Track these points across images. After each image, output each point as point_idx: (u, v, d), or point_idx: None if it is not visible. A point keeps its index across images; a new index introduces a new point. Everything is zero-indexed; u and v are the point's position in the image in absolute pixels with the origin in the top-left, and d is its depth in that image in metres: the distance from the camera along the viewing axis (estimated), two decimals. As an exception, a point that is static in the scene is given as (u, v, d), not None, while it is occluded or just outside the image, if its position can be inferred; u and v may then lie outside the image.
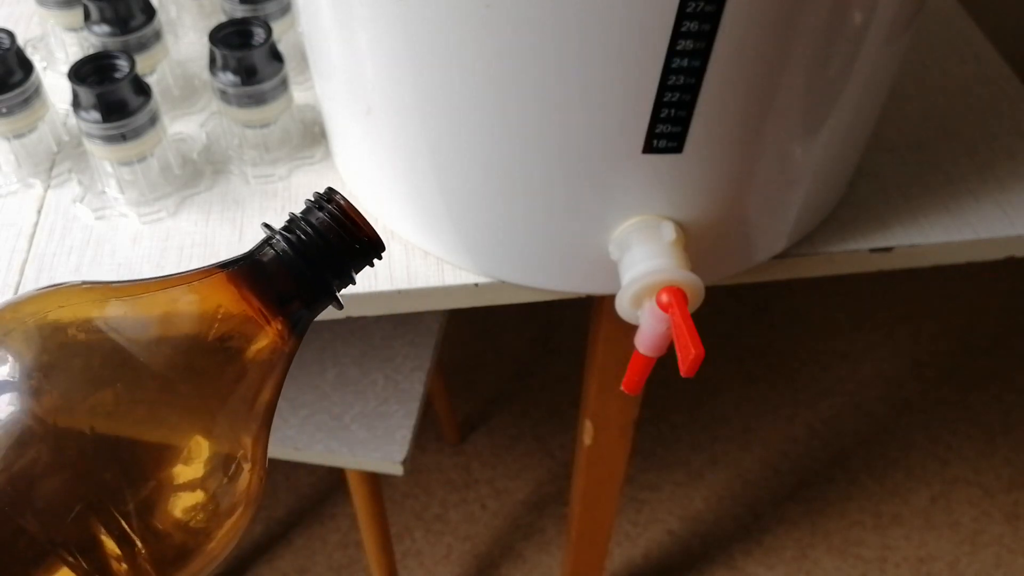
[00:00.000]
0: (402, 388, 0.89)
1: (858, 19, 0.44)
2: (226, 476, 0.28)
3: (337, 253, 0.29)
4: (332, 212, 0.29)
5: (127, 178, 0.59)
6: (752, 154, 0.48)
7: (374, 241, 0.30)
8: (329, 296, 0.29)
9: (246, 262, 0.29)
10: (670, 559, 1.26)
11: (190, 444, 0.27)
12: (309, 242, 0.29)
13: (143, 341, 0.27)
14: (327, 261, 0.29)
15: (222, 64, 0.58)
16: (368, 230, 0.30)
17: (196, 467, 0.27)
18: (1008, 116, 0.68)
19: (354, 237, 0.29)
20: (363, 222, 0.29)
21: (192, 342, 0.28)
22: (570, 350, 1.46)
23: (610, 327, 0.69)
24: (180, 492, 0.26)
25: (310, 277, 0.29)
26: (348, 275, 0.30)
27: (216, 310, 0.28)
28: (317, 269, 0.29)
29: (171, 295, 0.28)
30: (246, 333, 0.28)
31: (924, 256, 0.60)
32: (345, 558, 1.24)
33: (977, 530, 1.28)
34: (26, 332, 0.26)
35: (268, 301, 0.29)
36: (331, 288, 0.29)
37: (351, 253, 0.29)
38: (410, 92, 0.47)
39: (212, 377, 0.28)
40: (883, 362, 1.46)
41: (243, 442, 0.28)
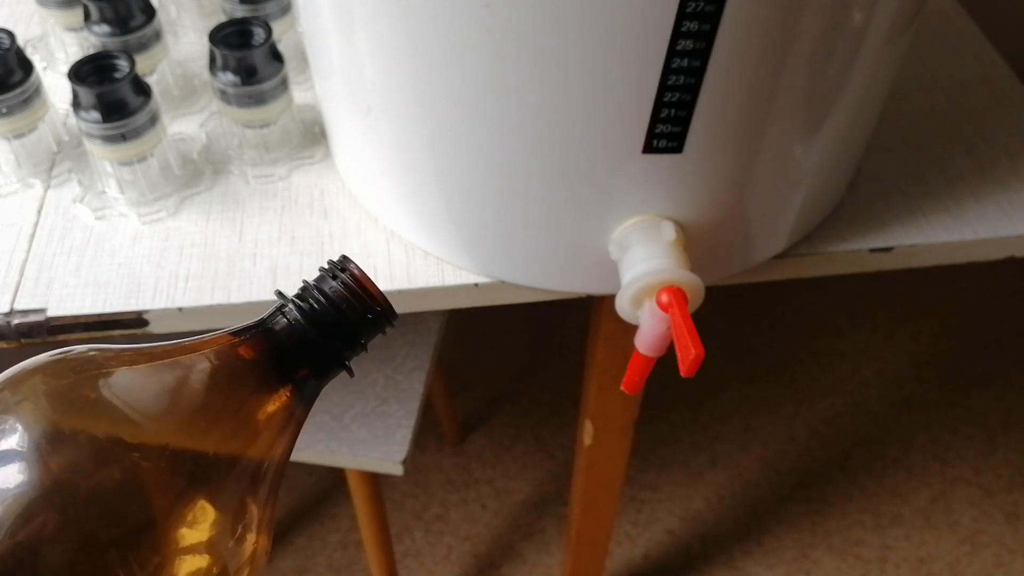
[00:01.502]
0: (402, 388, 0.89)
1: (858, 19, 0.44)
2: (232, 542, 0.27)
3: (349, 323, 0.29)
4: (346, 282, 0.29)
5: (127, 178, 0.59)
6: (752, 154, 0.48)
7: (387, 311, 0.29)
8: (339, 365, 0.29)
9: (258, 330, 0.29)
10: (670, 559, 1.26)
11: (196, 510, 0.27)
12: (322, 311, 0.28)
13: (151, 409, 0.27)
14: (339, 331, 0.29)
15: (222, 64, 0.58)
16: (381, 300, 0.29)
17: (202, 533, 0.27)
18: (1008, 116, 0.68)
19: (367, 307, 0.29)
20: (376, 292, 0.29)
21: (200, 410, 0.28)
22: (570, 350, 1.46)
23: (610, 327, 0.69)
24: (186, 558, 0.26)
25: (322, 346, 0.29)
26: (359, 344, 0.29)
27: (226, 378, 0.28)
28: (329, 338, 0.29)
29: (181, 362, 0.28)
30: (255, 401, 0.28)
31: (924, 256, 0.60)
32: (345, 558, 1.24)
33: (977, 530, 1.28)
34: (34, 401, 0.26)
35: (278, 369, 0.28)
36: (342, 357, 0.29)
37: (363, 323, 0.29)
38: (410, 92, 0.47)
39: (219, 444, 0.28)
40: (883, 362, 1.46)
41: (250, 508, 0.28)
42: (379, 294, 0.29)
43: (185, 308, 0.55)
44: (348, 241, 0.58)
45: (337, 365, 0.29)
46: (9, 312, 0.55)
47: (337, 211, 0.60)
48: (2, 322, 0.54)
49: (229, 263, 0.57)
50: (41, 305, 0.55)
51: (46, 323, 0.55)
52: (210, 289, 0.56)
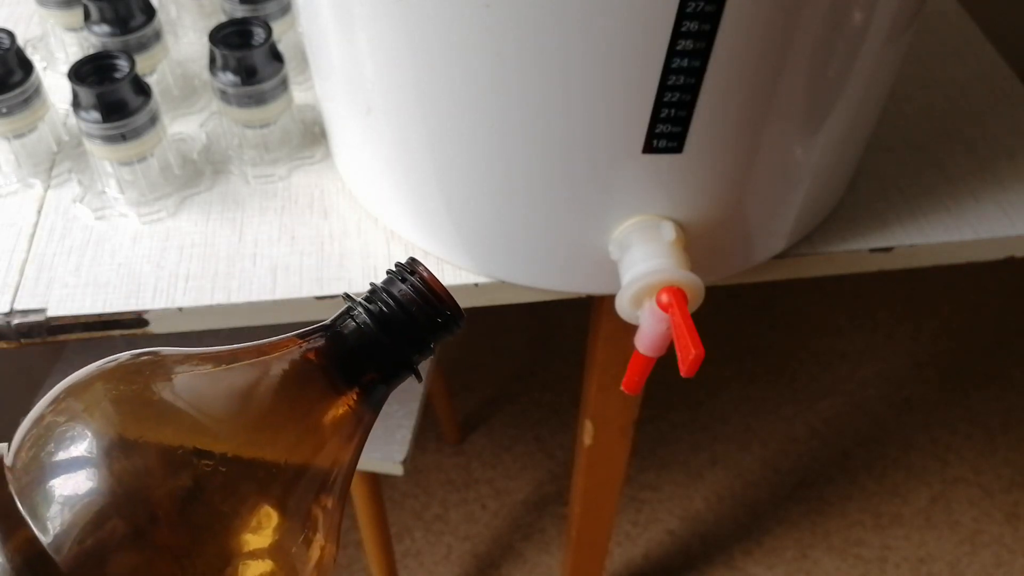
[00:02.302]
0: (402, 388, 0.89)
1: (858, 19, 0.44)
2: (299, 549, 0.27)
3: (419, 326, 0.28)
4: (415, 284, 0.28)
5: (127, 178, 0.59)
6: (752, 154, 0.48)
7: (456, 314, 0.29)
8: (409, 369, 0.29)
9: (327, 334, 0.28)
10: (670, 559, 1.26)
11: (262, 517, 0.26)
12: (391, 315, 0.28)
13: (218, 414, 0.27)
14: (408, 334, 0.28)
15: (222, 64, 0.58)
16: (450, 302, 0.29)
17: (268, 540, 0.26)
18: (1008, 116, 0.68)
19: (437, 310, 0.28)
20: (446, 294, 0.29)
21: (267, 415, 0.27)
22: (570, 350, 1.46)
23: (610, 327, 0.68)
24: (252, 566, 0.26)
25: (390, 350, 0.28)
26: (428, 348, 0.29)
27: (294, 383, 0.28)
28: (398, 342, 0.28)
29: (248, 366, 0.28)
30: (323, 406, 0.28)
31: (924, 256, 0.60)
32: (345, 558, 1.24)
33: (977, 530, 1.28)
34: (100, 408, 0.26)
35: (346, 374, 0.28)
36: (411, 362, 0.29)
37: (433, 327, 0.28)
38: (410, 92, 0.47)
39: (287, 450, 0.27)
40: (883, 362, 1.46)
41: (316, 515, 0.28)
42: (448, 296, 0.29)
43: (185, 308, 0.55)
44: (348, 241, 0.58)
45: (406, 369, 0.29)
46: (9, 312, 0.55)
47: (337, 211, 0.60)
48: (2, 322, 0.54)
49: (229, 263, 0.57)
50: (41, 305, 0.55)
51: (46, 323, 0.55)
52: (210, 289, 0.56)
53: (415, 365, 0.29)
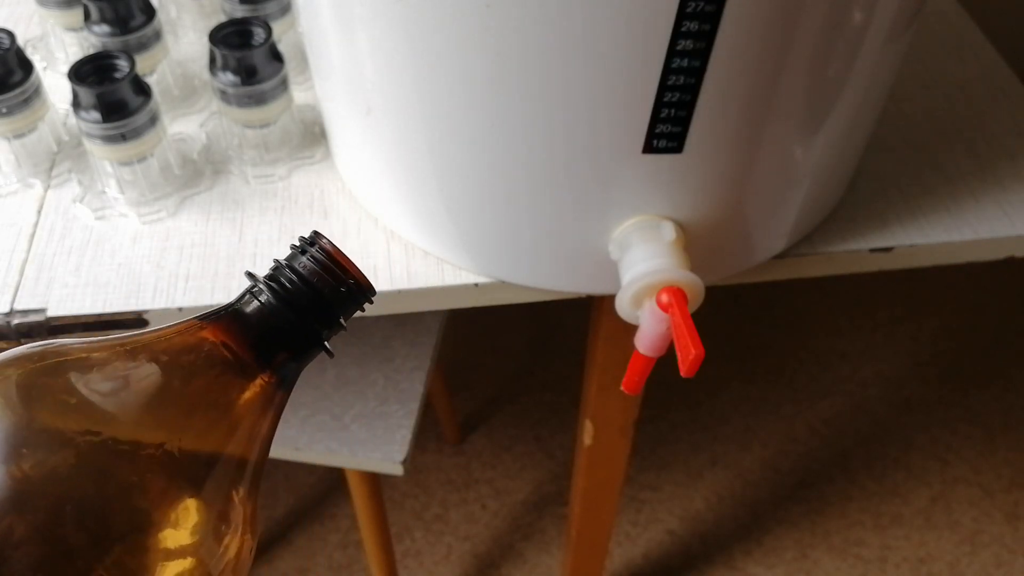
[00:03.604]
0: (402, 388, 0.89)
1: (858, 19, 0.44)
2: (215, 538, 0.26)
3: (325, 300, 0.27)
4: (317, 257, 0.27)
5: (127, 178, 0.59)
6: (752, 154, 0.48)
7: (363, 285, 0.28)
8: (318, 345, 0.28)
9: (228, 313, 0.27)
10: (670, 559, 1.26)
11: (176, 507, 0.25)
12: (295, 290, 0.27)
13: (120, 403, 0.26)
14: (314, 309, 0.27)
15: (222, 64, 0.58)
16: (356, 274, 0.28)
17: (183, 531, 0.25)
18: (1008, 116, 0.68)
19: (341, 282, 0.27)
20: (351, 266, 0.28)
21: (175, 402, 0.26)
22: (570, 350, 1.46)
23: (610, 327, 0.68)
24: (167, 559, 0.25)
25: (298, 327, 0.27)
26: (337, 322, 0.28)
27: (199, 367, 0.27)
28: (304, 318, 0.27)
29: (151, 353, 0.27)
30: (231, 389, 0.27)
31: (924, 256, 0.60)
32: (345, 558, 1.24)
33: (977, 530, 1.28)
34: (3, 396, 0.25)
35: (253, 354, 0.27)
36: (319, 337, 0.28)
37: (339, 299, 0.28)
38: (410, 92, 0.47)
39: (197, 436, 0.26)
40: (883, 362, 1.46)
41: (233, 501, 0.27)
42: (354, 268, 0.28)
43: (185, 308, 0.55)
44: (348, 241, 0.58)
45: (316, 346, 0.28)
46: (9, 312, 0.55)
47: (337, 211, 0.60)
48: (2, 322, 0.54)
49: (229, 263, 0.57)
50: (41, 305, 0.55)
51: (46, 323, 0.55)
52: (210, 289, 0.56)
53: (325, 341, 0.28)
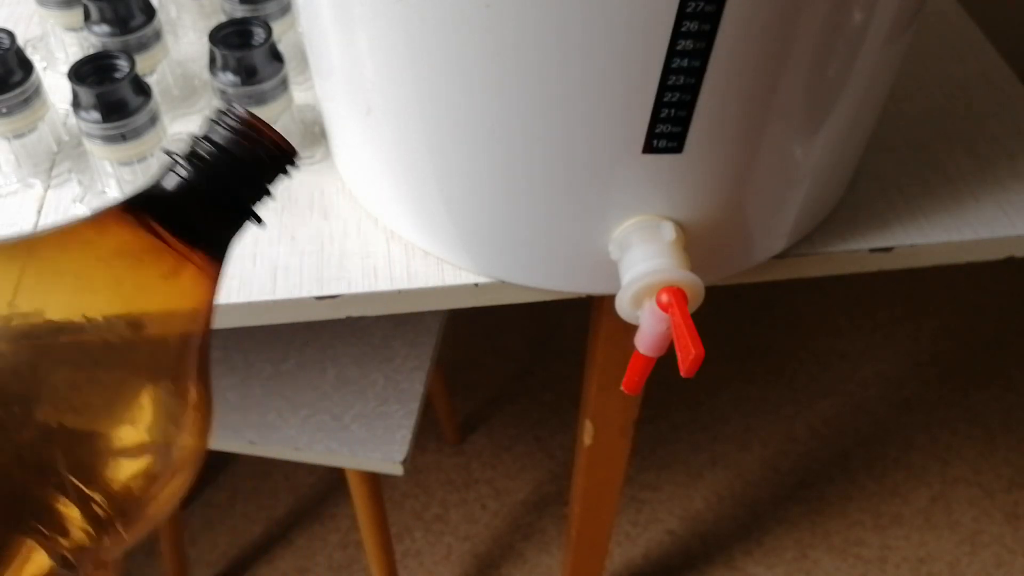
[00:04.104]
0: (402, 388, 0.89)
1: (858, 19, 0.44)
2: (168, 418, 0.26)
3: (245, 166, 0.27)
4: (232, 124, 0.27)
5: (127, 178, 0.59)
6: (752, 154, 0.48)
7: (282, 146, 0.28)
8: (244, 213, 0.28)
9: (150, 193, 0.27)
10: (670, 559, 1.26)
11: (124, 392, 0.25)
12: (214, 160, 0.27)
13: (58, 293, 0.25)
14: (237, 177, 0.27)
15: (222, 64, 0.58)
16: (274, 135, 0.28)
17: (138, 410, 0.25)
18: (1008, 116, 0.68)
19: (259, 145, 0.27)
20: (268, 129, 0.28)
21: (107, 287, 0.26)
22: (570, 350, 1.46)
23: (610, 327, 0.68)
24: (127, 438, 0.25)
25: (221, 197, 0.27)
26: (262, 189, 0.28)
27: (128, 250, 0.26)
28: (227, 187, 0.27)
29: (80, 242, 0.26)
30: (164, 268, 0.26)
31: (924, 256, 0.60)
32: (345, 558, 1.24)
33: (977, 530, 1.28)
34: None
35: (180, 231, 0.27)
36: (245, 205, 0.27)
37: (260, 164, 0.27)
38: (410, 92, 0.47)
39: (137, 321, 0.26)
40: (883, 362, 1.46)
41: (181, 379, 0.27)
42: (271, 131, 0.28)
43: (185, 308, 0.55)
44: (348, 241, 0.58)
45: (241, 214, 0.28)
46: (9, 312, 0.55)
47: (337, 211, 0.60)
48: (2, 322, 0.54)
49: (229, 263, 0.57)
50: (41, 305, 0.55)
51: (46, 323, 0.54)
52: (210, 289, 0.56)
53: (251, 208, 0.28)
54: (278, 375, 0.90)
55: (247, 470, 1.33)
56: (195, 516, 1.29)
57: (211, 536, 1.27)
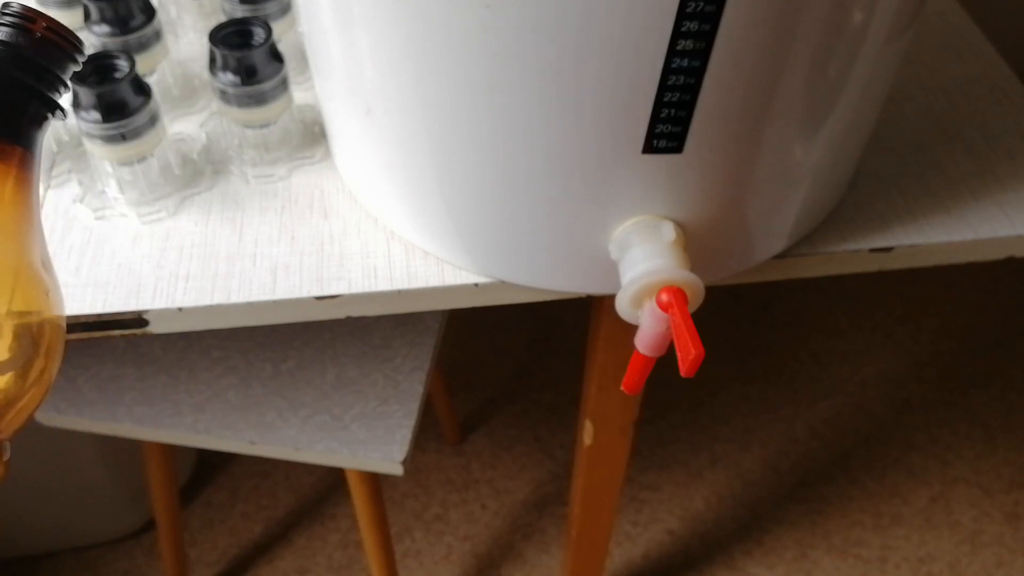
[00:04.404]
0: (402, 388, 0.89)
1: (858, 19, 0.44)
2: (23, 319, 0.28)
3: (28, 54, 0.29)
4: (10, 21, 0.29)
5: (127, 178, 0.59)
6: (752, 154, 0.48)
7: (61, 31, 0.29)
8: (42, 101, 0.29)
9: None
10: (670, 559, 1.26)
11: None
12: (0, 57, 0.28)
13: None
14: (25, 67, 0.29)
15: (222, 64, 0.58)
16: (50, 22, 0.29)
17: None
18: (1008, 116, 0.68)
19: (36, 30, 0.29)
20: (46, 18, 0.29)
21: None
22: (570, 350, 1.46)
23: (610, 327, 0.69)
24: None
25: (12, 87, 0.29)
26: (54, 76, 0.29)
27: None
28: (16, 78, 0.28)
29: None
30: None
31: (924, 256, 0.60)
32: (345, 558, 1.24)
33: (977, 530, 1.28)
34: None
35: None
36: (40, 93, 0.29)
37: (43, 50, 0.29)
38: (409, 92, 0.47)
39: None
40: (883, 362, 1.46)
41: (27, 281, 0.28)
42: (47, 17, 0.29)
43: (185, 308, 0.55)
44: (348, 241, 0.58)
45: (40, 103, 0.29)
46: (9, 312, 0.55)
47: (337, 211, 0.60)
48: (2, 322, 0.54)
49: (229, 263, 0.57)
50: (41, 305, 0.55)
51: (46, 323, 0.54)
52: (210, 289, 0.56)
53: (47, 96, 0.29)
54: (278, 375, 0.90)
55: (247, 470, 1.33)
56: (195, 516, 1.29)
57: (211, 536, 1.27)
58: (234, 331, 0.92)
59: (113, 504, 1.22)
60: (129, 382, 0.89)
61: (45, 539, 1.23)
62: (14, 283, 0.28)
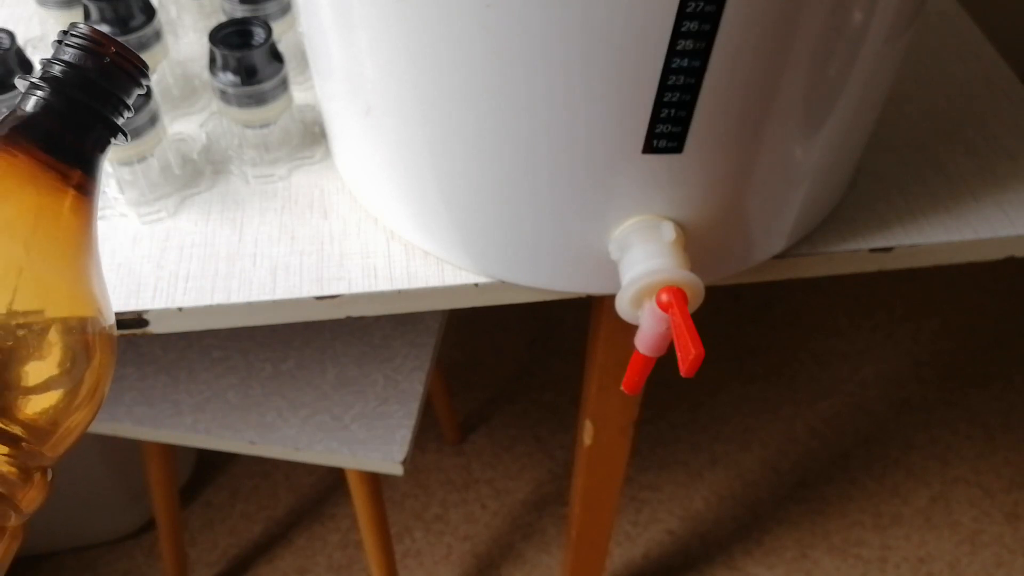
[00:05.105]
0: (402, 388, 0.89)
1: (858, 19, 0.44)
2: (75, 337, 0.27)
3: (96, 78, 0.28)
4: (77, 41, 0.28)
5: (127, 178, 0.59)
6: (752, 154, 0.48)
7: (127, 57, 0.29)
8: (105, 125, 0.29)
9: (13, 121, 0.28)
10: (670, 559, 1.26)
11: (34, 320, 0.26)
12: (65, 78, 0.28)
13: None
14: (90, 91, 0.28)
15: (222, 64, 0.58)
16: (118, 47, 0.29)
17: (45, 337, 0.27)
18: (1008, 116, 0.68)
19: (105, 54, 0.28)
20: (113, 42, 0.29)
21: None
22: (570, 350, 1.46)
23: (610, 327, 0.69)
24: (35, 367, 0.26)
25: (77, 112, 0.28)
26: (118, 100, 0.29)
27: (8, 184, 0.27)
28: (82, 102, 0.28)
29: None
30: (43, 192, 0.28)
31: (924, 256, 0.60)
32: (345, 558, 1.24)
33: (977, 530, 1.28)
34: None
35: (52, 152, 0.28)
36: (104, 116, 0.29)
37: (109, 74, 0.29)
38: (409, 92, 0.47)
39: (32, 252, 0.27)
40: (883, 362, 1.46)
41: (80, 299, 0.28)
42: (116, 43, 0.29)
43: (185, 308, 0.55)
44: (348, 241, 0.58)
45: (103, 127, 0.29)
46: (9, 312, 0.55)
47: (337, 211, 0.60)
48: (2, 322, 0.54)
49: (229, 263, 0.57)
50: (41, 305, 0.55)
51: (46, 323, 0.54)
52: (210, 289, 0.56)
53: (111, 120, 0.29)
54: (278, 375, 0.90)
55: (247, 470, 1.33)
56: (195, 516, 1.29)
57: (211, 536, 1.27)
58: (234, 331, 0.92)
59: (113, 504, 1.22)
60: (129, 382, 0.89)
61: (45, 539, 1.23)
62: (68, 303, 0.28)
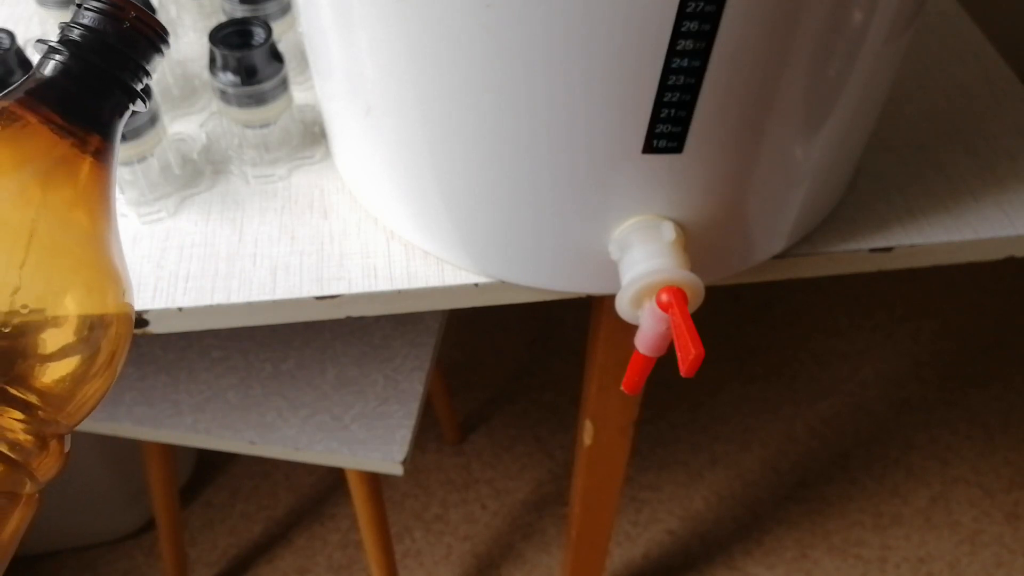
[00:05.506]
0: (402, 388, 0.89)
1: (858, 19, 0.44)
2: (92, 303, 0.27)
3: (115, 42, 0.28)
4: (98, 6, 0.28)
5: (127, 178, 0.59)
6: (752, 154, 0.48)
7: (147, 21, 0.29)
8: (124, 90, 0.29)
9: (33, 83, 0.28)
10: (670, 559, 1.26)
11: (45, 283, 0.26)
12: (84, 42, 0.28)
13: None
14: (110, 55, 0.28)
15: (222, 64, 0.58)
16: (138, 11, 0.29)
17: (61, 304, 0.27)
18: (1008, 116, 0.68)
19: (125, 18, 0.28)
20: (132, 6, 0.29)
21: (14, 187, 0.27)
22: (570, 350, 1.46)
23: (610, 327, 0.69)
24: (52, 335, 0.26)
25: (99, 74, 0.28)
26: (137, 66, 0.29)
27: (23, 142, 0.27)
28: (101, 66, 0.28)
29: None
30: (60, 156, 0.27)
31: (924, 256, 0.60)
32: (345, 558, 1.24)
33: (977, 530, 1.28)
34: None
35: (63, 112, 0.28)
36: (123, 81, 0.29)
37: (129, 39, 0.28)
38: (409, 92, 0.47)
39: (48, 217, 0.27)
40: (883, 362, 1.46)
41: (97, 267, 0.28)
42: (136, 7, 0.29)
43: (185, 308, 0.55)
44: (348, 241, 0.58)
45: (123, 92, 0.29)
46: (9, 312, 0.55)
47: (337, 211, 0.60)
48: (2, 322, 0.54)
49: (229, 263, 0.57)
50: (41, 305, 0.55)
51: (46, 323, 0.54)
52: (210, 289, 0.56)
53: (130, 85, 0.29)
54: (278, 375, 0.90)
55: (247, 470, 1.34)
56: (195, 516, 1.29)
57: (211, 536, 1.27)
58: (234, 331, 0.91)
59: (113, 504, 1.22)
60: (129, 382, 0.89)
61: (45, 539, 1.23)
62: (84, 270, 0.27)
